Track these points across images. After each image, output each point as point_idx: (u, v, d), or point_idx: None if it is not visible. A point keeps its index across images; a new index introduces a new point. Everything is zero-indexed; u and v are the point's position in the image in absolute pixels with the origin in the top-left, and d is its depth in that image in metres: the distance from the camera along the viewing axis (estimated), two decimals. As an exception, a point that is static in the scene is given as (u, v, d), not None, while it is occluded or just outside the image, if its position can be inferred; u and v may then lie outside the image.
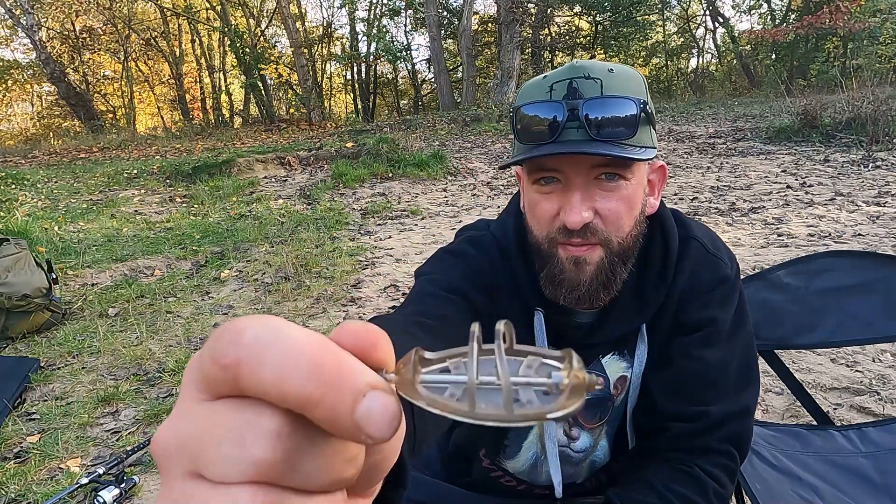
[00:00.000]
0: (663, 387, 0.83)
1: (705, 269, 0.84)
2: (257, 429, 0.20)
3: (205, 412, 0.21)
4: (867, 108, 7.71)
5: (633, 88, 0.73)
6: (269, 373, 0.20)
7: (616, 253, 0.75)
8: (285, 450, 0.20)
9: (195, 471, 0.20)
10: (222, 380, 0.21)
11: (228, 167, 7.79)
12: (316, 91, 15.95)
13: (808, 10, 16.26)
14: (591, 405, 0.87)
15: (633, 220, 0.76)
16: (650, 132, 0.74)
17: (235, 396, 0.21)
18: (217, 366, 0.21)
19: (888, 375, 2.33)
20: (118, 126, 16.76)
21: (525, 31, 14.74)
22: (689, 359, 0.82)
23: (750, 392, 0.85)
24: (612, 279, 0.76)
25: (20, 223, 5.01)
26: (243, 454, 0.20)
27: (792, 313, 1.34)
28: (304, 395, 0.20)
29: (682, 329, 0.83)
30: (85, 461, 2.09)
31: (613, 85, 0.71)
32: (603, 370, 0.85)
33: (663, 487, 0.78)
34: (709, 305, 0.83)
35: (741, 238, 4.36)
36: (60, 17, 17.37)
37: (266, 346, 0.20)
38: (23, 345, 3.14)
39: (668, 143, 8.80)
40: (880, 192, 5.37)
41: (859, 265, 1.36)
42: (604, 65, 0.73)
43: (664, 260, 0.82)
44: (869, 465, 1.23)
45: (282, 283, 3.88)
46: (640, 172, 0.75)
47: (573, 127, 0.69)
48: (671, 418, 0.81)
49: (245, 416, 0.20)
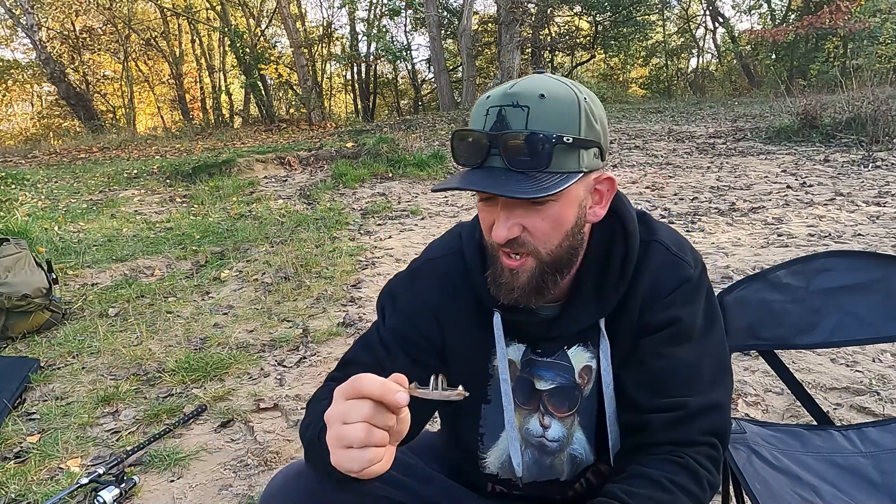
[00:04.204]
0: (639, 385, 0.87)
1: (668, 271, 0.88)
2: (365, 404, 0.63)
3: (344, 402, 0.65)
4: (867, 108, 7.71)
5: (564, 114, 0.76)
6: (368, 390, 0.63)
7: (547, 263, 0.82)
8: (372, 412, 0.63)
9: (344, 421, 0.64)
10: (352, 390, 0.64)
11: (228, 167, 7.80)
12: (316, 91, 15.95)
13: (808, 10, 16.27)
14: (557, 393, 0.93)
15: (563, 234, 0.81)
16: (577, 156, 0.77)
17: (355, 398, 0.64)
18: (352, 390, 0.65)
19: (888, 375, 2.33)
20: (118, 126, 16.77)
21: (525, 31, 14.74)
22: (660, 357, 0.86)
23: (724, 389, 0.89)
24: (544, 286, 0.83)
25: (20, 223, 5.01)
26: (361, 411, 0.63)
27: (792, 313, 1.34)
28: (380, 394, 0.63)
29: (648, 329, 0.88)
30: (85, 461, 2.09)
31: (541, 113, 0.75)
32: (569, 360, 0.92)
33: (664, 479, 0.80)
34: (672, 305, 0.87)
35: (741, 238, 4.37)
36: (60, 17, 17.37)
37: (367, 381, 0.64)
38: (23, 345, 3.14)
39: (668, 143, 8.80)
40: (880, 192, 5.37)
41: (859, 265, 1.36)
42: (537, 88, 0.76)
43: (623, 261, 0.87)
44: (869, 465, 1.23)
45: (282, 282, 3.88)
46: (571, 192, 0.79)
47: (496, 154, 0.75)
48: (651, 411, 0.85)
49: (359, 401, 0.64)
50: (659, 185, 6.32)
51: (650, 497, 0.78)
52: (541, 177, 0.75)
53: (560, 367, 0.92)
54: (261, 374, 2.70)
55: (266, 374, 2.70)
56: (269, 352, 2.93)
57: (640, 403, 0.86)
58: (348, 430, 0.62)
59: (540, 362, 0.93)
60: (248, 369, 2.75)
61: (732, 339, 1.34)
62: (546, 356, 0.93)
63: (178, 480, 1.98)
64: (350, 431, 0.62)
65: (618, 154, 8.15)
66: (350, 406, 0.63)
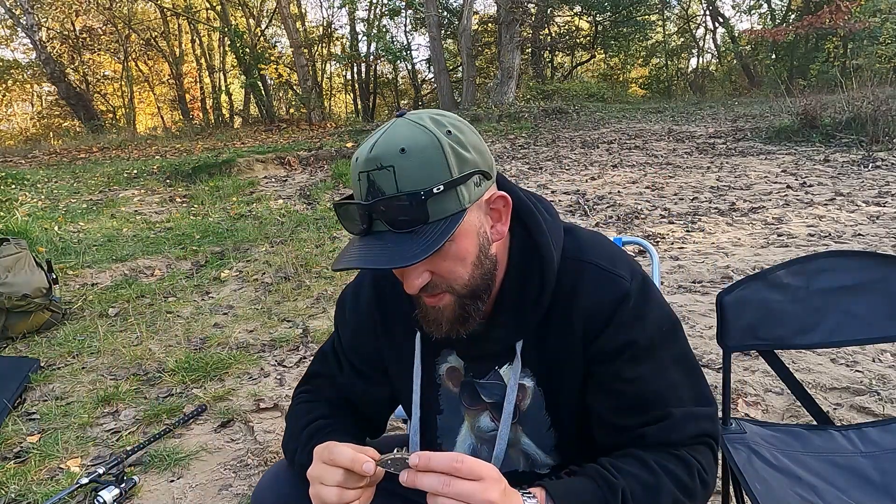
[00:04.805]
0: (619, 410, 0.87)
1: (604, 291, 0.86)
2: (338, 471, 0.75)
3: (321, 465, 0.77)
4: (867, 108, 7.71)
5: (428, 162, 0.75)
6: (340, 460, 0.75)
7: (464, 295, 0.83)
8: (343, 478, 0.75)
9: (321, 482, 0.76)
10: (327, 457, 0.76)
11: (228, 167, 7.80)
12: (316, 91, 15.95)
13: (808, 9, 16.27)
14: (496, 406, 0.95)
15: (470, 266, 0.81)
16: (457, 195, 0.77)
17: (329, 464, 0.76)
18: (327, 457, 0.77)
19: (888, 375, 2.33)
20: (118, 126, 16.77)
21: (525, 31, 14.74)
22: (628, 381, 0.85)
23: (700, 387, 0.89)
24: (467, 316, 0.84)
25: (20, 223, 5.01)
26: (334, 477, 0.75)
27: (792, 313, 1.34)
28: (349, 464, 0.74)
29: (602, 356, 0.87)
30: (85, 461, 2.09)
31: (406, 168, 0.74)
32: (501, 379, 0.93)
33: (652, 461, 0.81)
34: (621, 329, 0.85)
35: (741, 238, 4.37)
36: (60, 17, 17.37)
37: (339, 452, 0.76)
38: (23, 345, 3.14)
39: (668, 143, 8.80)
40: (880, 192, 5.37)
41: (859, 265, 1.36)
42: (397, 143, 0.75)
43: (540, 286, 0.87)
44: (869, 465, 1.23)
45: (282, 282, 3.88)
46: (465, 224, 0.78)
47: (378, 219, 0.77)
48: (642, 425, 0.85)
49: (334, 468, 0.76)
50: (659, 185, 6.32)
51: (635, 475, 0.80)
52: (426, 229, 0.75)
53: (493, 386, 0.94)
54: (261, 374, 2.70)
55: (266, 374, 2.70)
56: (269, 352, 2.93)
57: (626, 425, 0.86)
58: (325, 491, 0.75)
59: (475, 383, 0.96)
60: (248, 369, 2.75)
61: (732, 339, 1.34)
62: (479, 377, 0.95)
63: (178, 480, 1.98)
64: (326, 492, 0.75)
65: (618, 154, 8.15)
66: (325, 470, 0.76)
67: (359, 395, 1.02)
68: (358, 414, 1.03)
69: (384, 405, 1.05)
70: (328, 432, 0.92)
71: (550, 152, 8.47)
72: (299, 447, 0.94)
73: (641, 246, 1.60)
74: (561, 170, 7.35)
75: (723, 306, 1.33)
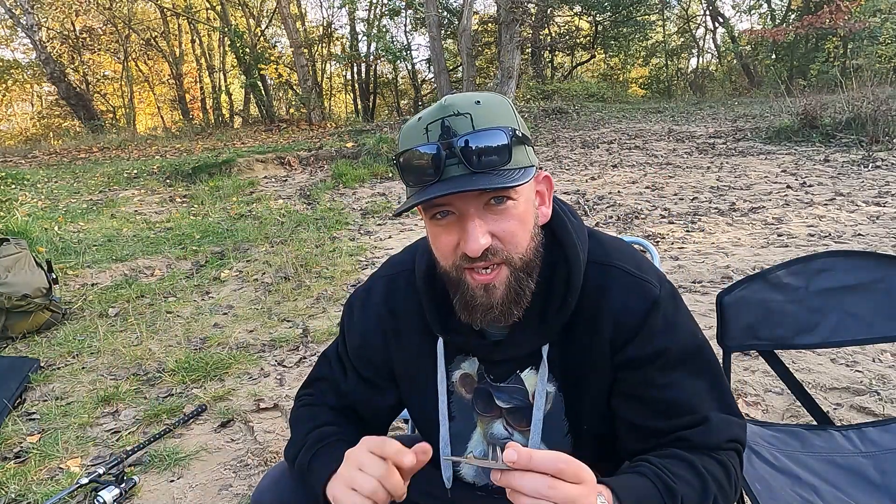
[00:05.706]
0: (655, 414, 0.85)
1: (633, 297, 0.85)
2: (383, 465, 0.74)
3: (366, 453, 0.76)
4: (867, 108, 7.71)
5: (502, 116, 0.76)
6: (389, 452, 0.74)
7: (520, 268, 0.80)
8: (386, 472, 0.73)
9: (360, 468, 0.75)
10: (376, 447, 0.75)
11: (228, 167, 7.80)
12: (316, 91, 15.94)
13: (808, 9, 16.26)
14: (514, 412, 0.93)
15: (529, 233, 0.80)
16: (525, 151, 0.77)
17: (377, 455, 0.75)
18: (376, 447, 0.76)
19: (888, 375, 2.33)
20: (118, 126, 16.75)
21: (525, 31, 14.72)
22: (664, 386, 0.84)
23: (728, 392, 0.89)
24: (522, 293, 0.81)
25: (20, 223, 5.00)
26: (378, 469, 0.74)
27: (792, 313, 1.34)
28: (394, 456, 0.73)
29: (632, 363, 0.85)
30: (85, 461, 2.09)
31: (482, 116, 0.75)
32: (522, 383, 0.91)
33: (698, 464, 0.80)
34: (654, 336, 0.84)
35: (741, 238, 4.36)
36: (60, 17, 17.35)
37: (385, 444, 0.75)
38: (23, 345, 3.14)
39: (668, 143, 8.80)
40: (880, 192, 5.37)
41: (859, 265, 1.36)
42: (470, 98, 0.76)
43: (566, 290, 0.85)
44: (869, 465, 1.23)
45: (282, 282, 3.88)
46: (526, 190, 0.79)
47: (453, 164, 0.74)
48: (677, 429, 0.84)
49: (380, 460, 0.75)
50: (659, 185, 6.32)
51: (688, 481, 0.78)
52: (505, 172, 0.74)
53: (514, 391, 0.92)
54: (261, 374, 2.70)
55: (266, 374, 2.70)
56: (269, 352, 2.93)
57: (660, 428, 0.85)
58: (361, 478, 0.73)
59: (494, 387, 0.94)
60: (248, 369, 2.75)
61: (732, 339, 1.34)
62: (499, 381, 0.93)
63: (178, 480, 1.98)
64: (361, 479, 0.73)
65: (618, 154, 8.15)
66: (371, 459, 0.74)
67: (362, 402, 1.00)
68: (360, 420, 1.01)
69: (387, 412, 1.04)
70: (335, 441, 0.91)
71: (550, 152, 8.47)
72: (303, 450, 0.93)
73: (642, 246, 1.59)
74: (561, 170, 7.35)
75: (723, 306, 1.33)
